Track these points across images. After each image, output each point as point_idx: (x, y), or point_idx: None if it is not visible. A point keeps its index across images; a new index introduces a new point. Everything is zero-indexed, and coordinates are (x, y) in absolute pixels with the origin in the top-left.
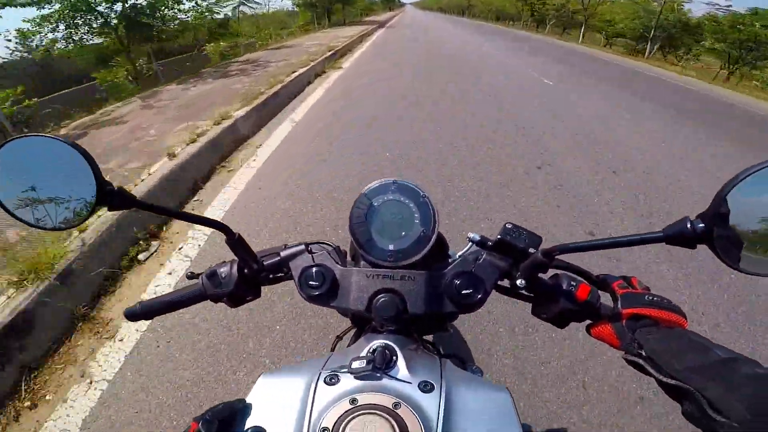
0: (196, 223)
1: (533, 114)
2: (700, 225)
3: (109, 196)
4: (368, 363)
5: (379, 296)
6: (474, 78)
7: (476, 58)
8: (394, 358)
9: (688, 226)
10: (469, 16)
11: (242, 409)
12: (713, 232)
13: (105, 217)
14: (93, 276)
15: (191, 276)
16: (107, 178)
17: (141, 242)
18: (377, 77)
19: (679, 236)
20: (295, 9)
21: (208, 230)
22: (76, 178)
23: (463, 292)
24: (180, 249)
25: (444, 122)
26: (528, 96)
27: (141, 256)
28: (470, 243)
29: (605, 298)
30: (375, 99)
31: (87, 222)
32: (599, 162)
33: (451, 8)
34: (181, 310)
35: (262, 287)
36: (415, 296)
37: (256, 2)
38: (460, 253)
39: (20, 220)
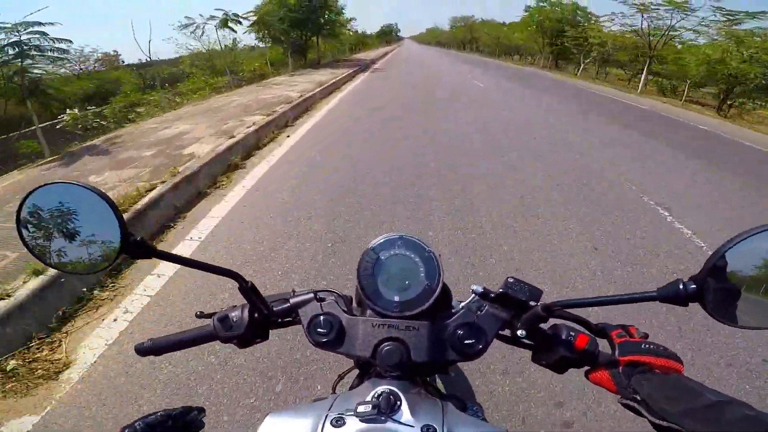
0: (211, 272)
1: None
2: (692, 287)
3: (133, 246)
4: (374, 407)
5: (384, 344)
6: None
7: (522, 140)
8: (398, 402)
9: (681, 287)
10: (472, 50)
11: (182, 416)
12: (704, 293)
13: None
14: None
15: (201, 315)
16: None
17: None
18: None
19: (671, 296)
20: (260, 44)
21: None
22: (101, 226)
23: (466, 341)
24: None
25: None
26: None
27: None
28: (473, 294)
29: (604, 344)
30: None
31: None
32: None
33: (450, 42)
34: None
35: (271, 330)
36: (419, 345)
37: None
38: (463, 304)
39: (45, 262)
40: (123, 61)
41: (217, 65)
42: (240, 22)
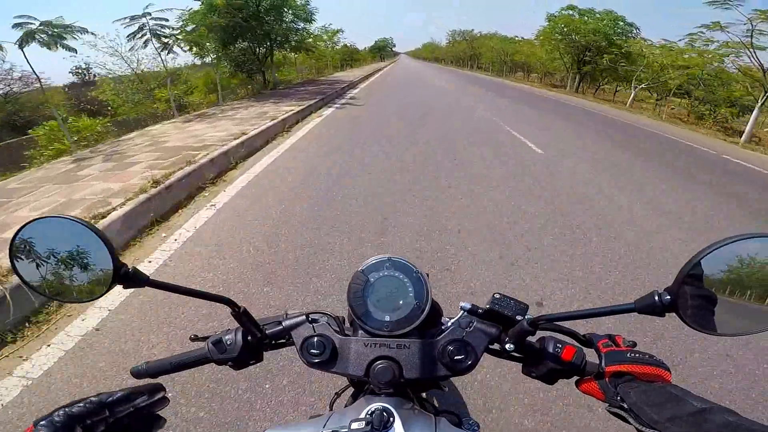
0: (204, 299)
1: None
2: (667, 297)
3: (125, 276)
4: (367, 424)
5: (377, 363)
6: None
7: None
8: (391, 419)
9: (656, 298)
10: (473, 67)
11: (104, 404)
12: (679, 302)
13: None
14: None
15: (195, 339)
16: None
17: None
18: None
19: (648, 308)
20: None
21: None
22: (94, 257)
23: (456, 357)
24: None
25: None
26: None
27: None
28: (462, 311)
29: (592, 355)
30: None
31: None
32: None
33: (449, 57)
34: None
35: (265, 352)
36: (411, 363)
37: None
38: (452, 321)
39: (39, 293)
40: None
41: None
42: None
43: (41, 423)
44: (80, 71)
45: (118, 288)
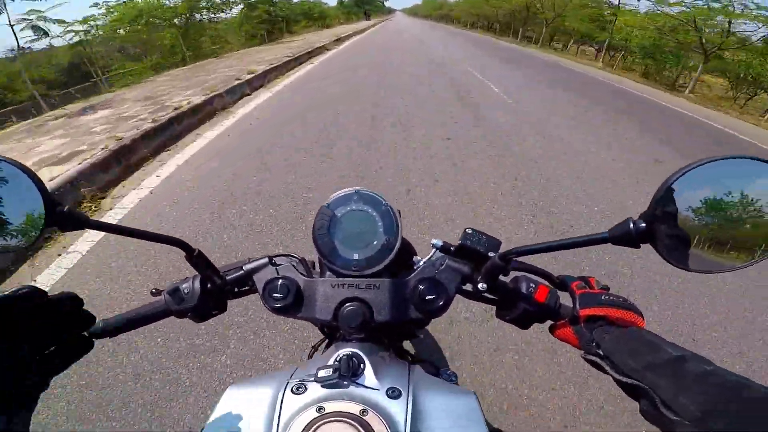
0: (153, 241)
1: None
2: (642, 225)
3: (60, 217)
4: (334, 371)
5: (345, 305)
6: None
7: None
8: (362, 366)
9: (631, 226)
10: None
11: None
12: (655, 231)
13: None
14: None
15: (155, 292)
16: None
17: None
18: None
19: (623, 237)
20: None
21: None
22: (21, 199)
23: (427, 298)
24: None
25: None
26: None
27: None
28: (434, 249)
29: (566, 299)
30: None
31: None
32: None
33: (466, 16)
34: None
35: (228, 301)
36: (381, 304)
37: None
38: (424, 260)
39: None
40: None
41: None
42: None
43: None
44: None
45: None
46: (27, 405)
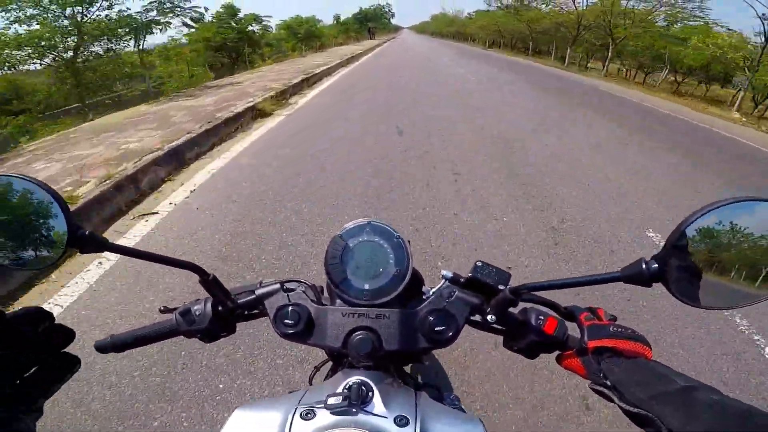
0: (169, 265)
1: None
2: (654, 266)
3: (81, 239)
4: (344, 399)
5: (355, 334)
6: None
7: None
8: (370, 393)
9: (643, 266)
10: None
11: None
12: (666, 271)
13: None
14: None
15: (165, 310)
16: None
17: None
18: None
19: (635, 277)
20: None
21: None
22: (46, 219)
23: (436, 329)
24: None
25: None
26: None
27: None
28: (443, 280)
29: (574, 328)
30: None
31: None
32: None
33: (479, 35)
34: None
35: (237, 324)
36: (390, 334)
37: None
38: (433, 290)
39: None
40: None
41: None
42: None
43: None
44: None
45: None
46: None
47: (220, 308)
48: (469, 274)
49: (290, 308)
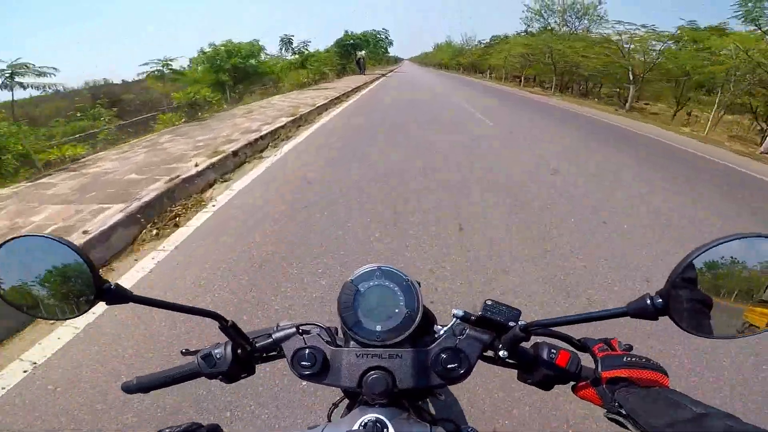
0: (191, 314)
1: None
2: (659, 301)
3: (107, 292)
4: None
5: (370, 374)
6: None
7: None
8: (385, 430)
9: (648, 302)
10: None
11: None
12: (672, 305)
13: None
14: None
15: (186, 353)
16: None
17: None
18: None
19: (641, 311)
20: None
21: None
22: (75, 275)
23: (449, 366)
24: None
25: None
26: None
27: None
28: (454, 318)
29: (588, 359)
30: None
31: None
32: None
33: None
34: None
35: (257, 365)
36: (404, 372)
37: None
38: (445, 329)
39: (19, 309)
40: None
41: None
42: None
43: None
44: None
45: None
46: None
47: (239, 351)
48: (480, 313)
49: (307, 351)
